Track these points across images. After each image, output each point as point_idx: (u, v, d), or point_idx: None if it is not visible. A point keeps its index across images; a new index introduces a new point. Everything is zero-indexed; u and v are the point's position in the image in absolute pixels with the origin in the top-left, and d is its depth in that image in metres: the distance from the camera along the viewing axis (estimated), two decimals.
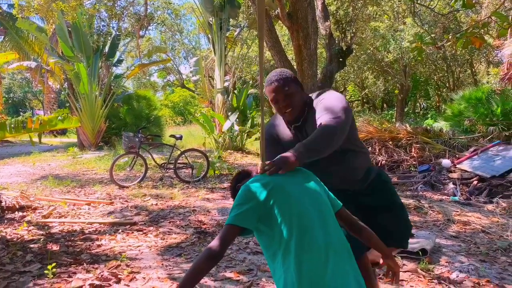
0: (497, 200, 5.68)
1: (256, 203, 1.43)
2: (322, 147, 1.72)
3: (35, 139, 5.02)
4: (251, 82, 23.24)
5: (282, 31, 17.63)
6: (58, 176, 8.02)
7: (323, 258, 1.38)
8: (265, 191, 1.46)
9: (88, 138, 14.14)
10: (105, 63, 15.43)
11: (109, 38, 15.55)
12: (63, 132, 25.65)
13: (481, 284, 2.89)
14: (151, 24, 18.68)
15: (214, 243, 1.40)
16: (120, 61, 16.57)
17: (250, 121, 13.18)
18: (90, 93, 13.89)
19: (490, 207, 5.43)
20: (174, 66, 24.78)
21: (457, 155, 8.11)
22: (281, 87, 1.94)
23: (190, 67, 14.93)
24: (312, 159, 1.68)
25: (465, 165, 7.19)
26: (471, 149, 8.10)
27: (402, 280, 2.95)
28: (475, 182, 6.53)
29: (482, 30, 3.26)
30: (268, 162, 1.59)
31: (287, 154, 1.61)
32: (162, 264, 3.27)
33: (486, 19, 3.28)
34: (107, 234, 4.08)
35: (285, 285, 1.37)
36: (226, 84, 13.51)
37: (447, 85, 25.01)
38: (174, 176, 7.63)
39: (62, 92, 17.41)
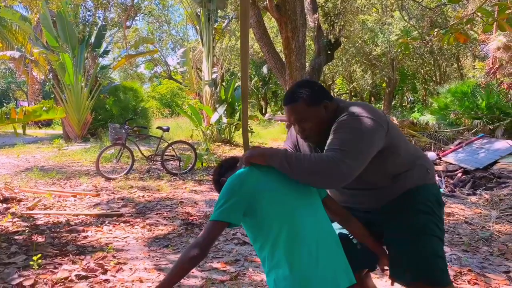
0: (480, 192, 5.79)
1: (241, 198, 1.42)
2: (298, 175, 1.49)
3: (19, 130, 4.94)
4: (239, 74, 23.15)
5: (270, 23, 17.57)
6: (43, 168, 7.91)
7: (314, 252, 1.38)
8: (251, 185, 1.44)
9: (73, 129, 13.95)
10: (91, 53, 15.19)
11: (95, 28, 15.30)
12: (48, 124, 25.26)
13: (462, 273, 2.95)
14: (138, 15, 18.41)
15: (200, 239, 1.39)
16: (106, 52, 16.33)
17: (238, 113, 13.14)
18: (75, 84, 13.68)
19: (473, 198, 5.53)
20: (162, 57, 24.57)
21: (442, 148, 8.23)
22: (292, 111, 1.69)
23: (178, 58, 14.80)
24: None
25: (450, 158, 7.30)
26: (456, 142, 8.24)
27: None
28: (459, 175, 6.63)
29: (466, 26, 3.30)
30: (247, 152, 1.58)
31: (262, 150, 1.54)
32: (149, 255, 3.27)
33: (471, 15, 3.33)
34: (93, 226, 4.05)
35: (276, 280, 1.37)
36: (214, 76, 13.43)
37: (434, 79, 25.27)
38: (161, 168, 7.59)
39: (47, 83, 17.10)
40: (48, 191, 5.45)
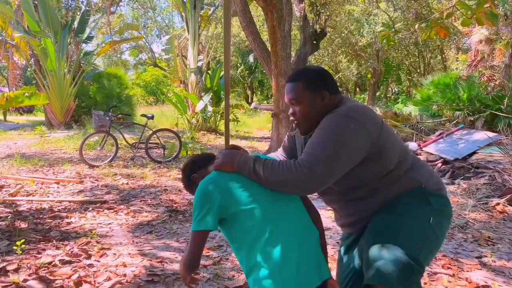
0: (458, 181, 5.95)
1: (214, 204, 1.41)
2: (267, 184, 1.45)
3: (0, 116, 4.87)
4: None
5: (257, 11, 17.48)
6: (25, 155, 7.81)
7: (292, 250, 1.39)
8: (222, 190, 1.43)
9: (56, 116, 13.74)
10: (74, 39, 14.90)
11: (78, 13, 14.98)
12: (29, 110, 24.78)
13: (437, 258, 3.07)
14: (123, 0, 18.11)
15: (189, 251, 1.44)
16: (90, 38, 16.02)
17: (224, 102, 13.11)
18: (58, 70, 13.44)
19: (451, 188, 5.68)
20: (146, 44, 24.22)
21: (423, 139, 8.40)
22: (289, 89, 1.63)
23: (162, 46, 14.65)
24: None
25: (431, 148, 7.46)
26: (437, 133, 8.41)
27: None
28: (439, 165, 6.79)
29: (447, 20, 3.37)
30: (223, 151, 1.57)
31: (232, 158, 1.50)
32: (133, 241, 3.30)
33: (451, 8, 3.41)
34: (77, 212, 4.05)
35: (256, 280, 1.39)
36: (199, 63, 13.35)
37: (418, 71, 25.58)
38: (146, 156, 7.58)
39: (28, 69, 16.75)
40: (31, 178, 5.41)
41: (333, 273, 1.65)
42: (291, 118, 1.67)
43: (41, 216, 3.89)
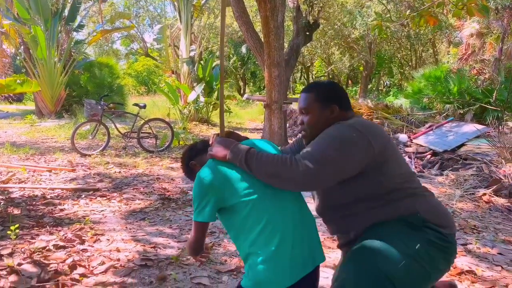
0: (447, 172, 6.06)
1: (213, 195, 1.44)
2: (258, 176, 1.45)
3: None
4: (217, 53, 22.92)
5: (250, 1, 17.40)
6: (16, 143, 7.76)
7: (287, 237, 1.43)
8: (220, 180, 1.46)
9: (47, 105, 13.62)
10: (65, 27, 14.72)
11: (69, 1, 14.80)
12: (19, 99, 24.48)
13: None
14: None
15: (193, 239, 1.52)
16: (81, 26, 15.85)
17: (216, 92, 13.10)
18: (48, 59, 13.29)
19: (440, 179, 5.79)
20: (138, 33, 24.00)
21: (414, 131, 8.50)
22: (302, 99, 1.68)
23: (154, 35, 14.53)
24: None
25: (421, 140, 7.57)
26: (427, 125, 8.53)
27: None
28: (428, 156, 6.90)
29: (437, 10, 3.42)
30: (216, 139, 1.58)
31: (225, 147, 1.51)
32: (126, 227, 3.33)
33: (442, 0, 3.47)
34: (70, 200, 4.07)
35: (251, 265, 1.43)
36: (192, 54, 13.29)
37: (410, 64, 25.73)
38: (137, 145, 7.57)
39: (18, 57, 16.53)
40: (23, 166, 5.40)
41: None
42: (300, 126, 1.71)
43: (34, 203, 3.90)
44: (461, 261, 2.87)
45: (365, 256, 1.45)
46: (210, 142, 1.63)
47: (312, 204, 1.72)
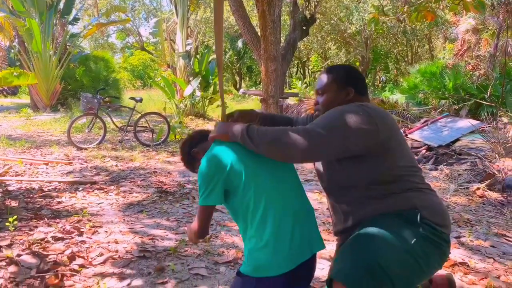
0: (441, 167, 6.11)
1: (218, 180, 1.45)
2: (259, 148, 1.45)
3: None
4: (214, 47, 22.81)
5: None
6: (11, 137, 7.74)
7: (288, 223, 1.46)
8: (225, 165, 1.46)
9: (42, 99, 13.55)
10: (60, 20, 14.61)
11: None
12: (13, 93, 24.31)
13: None
14: None
15: (199, 223, 1.51)
16: (76, 19, 15.75)
17: (212, 87, 13.09)
18: (44, 52, 13.21)
19: (435, 173, 5.84)
20: (134, 27, 23.92)
21: (409, 126, 8.55)
22: (320, 79, 1.72)
23: (150, 29, 14.48)
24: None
25: (416, 135, 7.62)
26: (422, 120, 8.57)
27: None
28: (423, 151, 6.96)
29: (434, 5, 3.45)
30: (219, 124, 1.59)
31: (226, 128, 1.53)
32: (124, 219, 3.36)
33: None
34: (67, 192, 4.08)
35: (250, 250, 1.47)
36: (188, 48, 13.25)
37: (406, 59, 25.80)
38: (134, 139, 7.57)
39: (12, 50, 16.40)
40: (19, 159, 5.39)
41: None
42: (314, 107, 1.73)
43: (31, 195, 3.91)
44: (455, 253, 2.92)
45: (362, 247, 1.46)
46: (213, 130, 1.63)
47: (310, 193, 1.75)
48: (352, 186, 1.59)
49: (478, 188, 4.80)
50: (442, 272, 1.83)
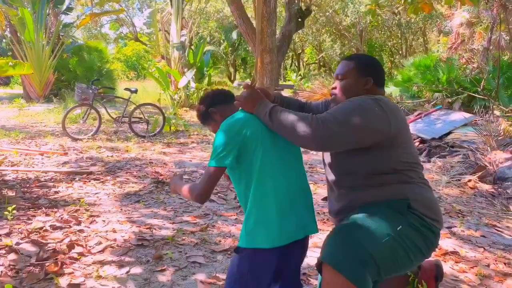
0: (434, 159, 6.19)
1: (237, 145, 1.50)
2: (278, 125, 1.53)
3: None
4: (208, 38, 22.73)
5: None
6: (4, 127, 7.70)
7: (290, 201, 1.56)
8: (246, 134, 1.51)
9: (35, 89, 13.43)
10: (53, 10, 14.46)
11: None
12: (5, 83, 24.07)
13: None
14: None
15: (204, 184, 1.53)
16: (69, 9, 15.58)
17: (207, 78, 13.06)
18: (36, 42, 13.07)
19: (428, 165, 5.91)
20: (128, 17, 23.64)
21: None
22: (341, 65, 1.75)
23: (144, 19, 14.37)
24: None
25: (409, 128, 7.68)
26: (416, 113, 8.64)
27: None
28: (417, 143, 7.02)
29: None
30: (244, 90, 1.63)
31: (254, 99, 1.59)
32: (121, 209, 3.38)
33: None
34: (64, 182, 4.09)
35: (247, 231, 1.53)
36: (182, 39, 13.17)
37: (400, 52, 25.85)
38: (129, 130, 7.56)
39: (4, 40, 16.20)
40: (14, 149, 5.38)
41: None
42: (332, 91, 1.76)
43: (28, 185, 3.92)
44: (446, 243, 2.99)
45: (350, 232, 1.53)
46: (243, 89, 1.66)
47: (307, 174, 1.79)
48: (353, 173, 1.64)
49: (470, 180, 4.88)
50: (431, 259, 1.89)
